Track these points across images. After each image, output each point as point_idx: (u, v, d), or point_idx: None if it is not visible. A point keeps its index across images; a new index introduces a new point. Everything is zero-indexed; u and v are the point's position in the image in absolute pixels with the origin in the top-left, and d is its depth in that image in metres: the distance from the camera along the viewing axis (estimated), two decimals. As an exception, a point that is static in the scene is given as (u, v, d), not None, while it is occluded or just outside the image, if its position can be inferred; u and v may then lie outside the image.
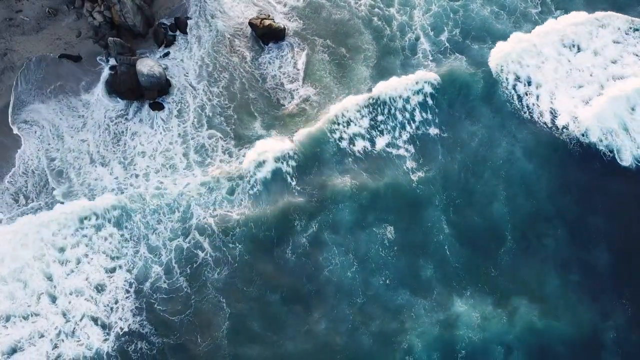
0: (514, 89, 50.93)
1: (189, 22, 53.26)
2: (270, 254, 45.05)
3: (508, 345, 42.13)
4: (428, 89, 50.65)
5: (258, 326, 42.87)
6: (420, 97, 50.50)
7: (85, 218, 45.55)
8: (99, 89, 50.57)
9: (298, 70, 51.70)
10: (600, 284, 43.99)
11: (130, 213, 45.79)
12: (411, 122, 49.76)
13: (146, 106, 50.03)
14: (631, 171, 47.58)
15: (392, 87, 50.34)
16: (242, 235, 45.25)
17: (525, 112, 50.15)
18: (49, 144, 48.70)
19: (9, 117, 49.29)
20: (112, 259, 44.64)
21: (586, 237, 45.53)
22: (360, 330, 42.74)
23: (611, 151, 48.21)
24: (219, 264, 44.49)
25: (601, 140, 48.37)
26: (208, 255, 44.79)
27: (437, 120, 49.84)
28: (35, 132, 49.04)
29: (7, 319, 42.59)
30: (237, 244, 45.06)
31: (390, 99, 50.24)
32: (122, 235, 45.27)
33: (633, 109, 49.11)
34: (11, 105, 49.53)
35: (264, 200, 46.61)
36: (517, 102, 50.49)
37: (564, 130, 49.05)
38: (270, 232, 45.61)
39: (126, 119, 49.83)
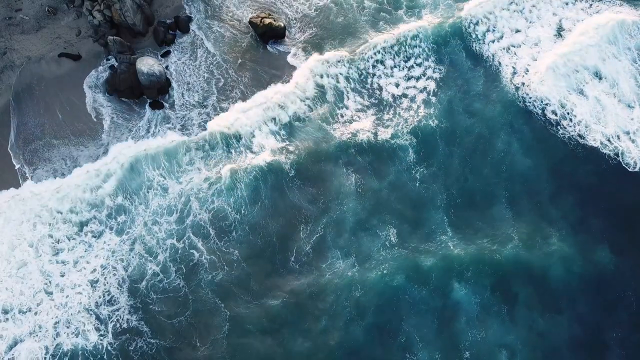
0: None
1: (190, 22, 52.85)
2: (268, 253, 44.94)
3: (510, 344, 41.96)
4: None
5: (256, 327, 42.82)
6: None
7: (86, 224, 45.81)
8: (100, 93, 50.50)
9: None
10: (604, 282, 43.89)
11: (135, 217, 45.77)
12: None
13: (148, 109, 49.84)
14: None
15: (371, 44, 51.37)
16: (239, 239, 45.11)
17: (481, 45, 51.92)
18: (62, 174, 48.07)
19: (10, 147, 48.61)
20: (109, 257, 44.58)
21: (590, 234, 45.29)
22: (360, 327, 42.54)
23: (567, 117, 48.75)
24: (213, 266, 44.42)
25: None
26: (202, 257, 44.76)
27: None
28: (44, 168, 48.29)
29: (7, 312, 42.87)
30: (234, 248, 44.89)
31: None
32: (120, 234, 45.22)
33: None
34: (13, 133, 48.97)
35: (264, 198, 46.49)
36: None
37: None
38: (269, 232, 45.52)
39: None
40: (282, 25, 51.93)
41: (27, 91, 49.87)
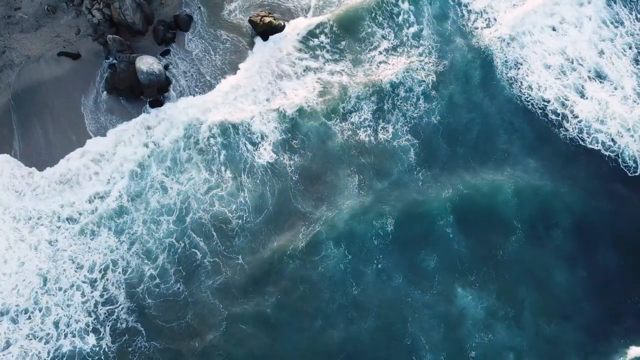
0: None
1: (191, 21, 52.53)
2: (268, 255, 44.87)
3: (516, 347, 42.00)
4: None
5: (255, 327, 42.86)
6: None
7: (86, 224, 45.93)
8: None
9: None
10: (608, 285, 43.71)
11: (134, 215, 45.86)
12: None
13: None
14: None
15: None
16: (242, 244, 45.14)
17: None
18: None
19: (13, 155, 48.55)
20: (108, 256, 44.62)
21: (594, 232, 45.13)
22: (359, 329, 42.65)
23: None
24: (217, 269, 44.44)
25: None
26: (206, 259, 44.74)
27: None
28: None
29: (5, 313, 42.97)
30: (237, 249, 44.97)
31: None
32: (118, 233, 45.27)
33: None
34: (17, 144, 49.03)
35: (264, 199, 46.40)
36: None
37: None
38: (269, 230, 45.53)
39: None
40: (282, 24, 51.60)
41: (28, 93, 49.64)
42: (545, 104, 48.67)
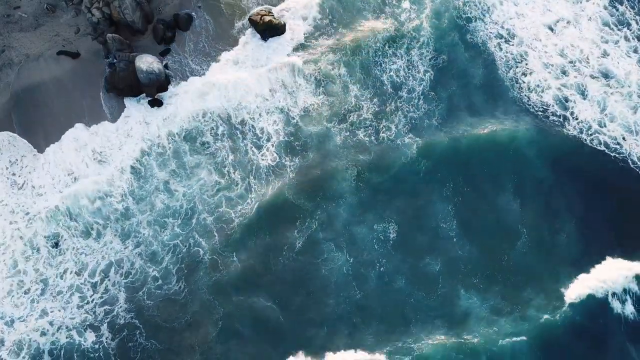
0: None
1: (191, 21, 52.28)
2: (268, 258, 44.97)
3: (520, 344, 42.04)
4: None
5: (251, 328, 43.00)
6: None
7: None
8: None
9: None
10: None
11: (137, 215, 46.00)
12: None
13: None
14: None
15: None
16: (243, 245, 45.19)
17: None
18: None
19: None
20: (109, 255, 44.65)
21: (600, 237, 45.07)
22: (358, 330, 42.73)
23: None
24: (217, 269, 44.45)
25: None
26: (207, 258, 44.72)
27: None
28: None
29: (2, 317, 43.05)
30: (238, 249, 45.03)
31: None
32: (118, 231, 45.36)
33: None
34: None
35: (266, 201, 46.34)
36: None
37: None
38: (268, 235, 45.56)
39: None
40: (282, 22, 51.39)
41: (28, 92, 49.41)
42: (546, 107, 48.50)
